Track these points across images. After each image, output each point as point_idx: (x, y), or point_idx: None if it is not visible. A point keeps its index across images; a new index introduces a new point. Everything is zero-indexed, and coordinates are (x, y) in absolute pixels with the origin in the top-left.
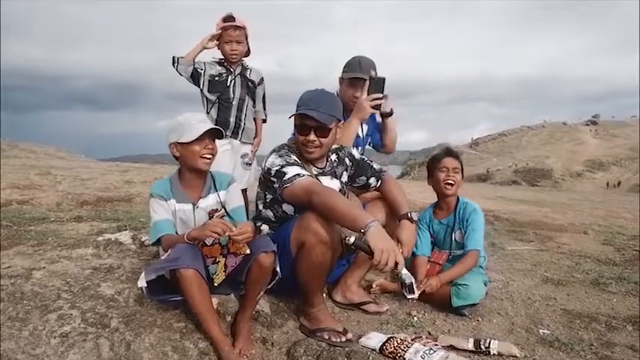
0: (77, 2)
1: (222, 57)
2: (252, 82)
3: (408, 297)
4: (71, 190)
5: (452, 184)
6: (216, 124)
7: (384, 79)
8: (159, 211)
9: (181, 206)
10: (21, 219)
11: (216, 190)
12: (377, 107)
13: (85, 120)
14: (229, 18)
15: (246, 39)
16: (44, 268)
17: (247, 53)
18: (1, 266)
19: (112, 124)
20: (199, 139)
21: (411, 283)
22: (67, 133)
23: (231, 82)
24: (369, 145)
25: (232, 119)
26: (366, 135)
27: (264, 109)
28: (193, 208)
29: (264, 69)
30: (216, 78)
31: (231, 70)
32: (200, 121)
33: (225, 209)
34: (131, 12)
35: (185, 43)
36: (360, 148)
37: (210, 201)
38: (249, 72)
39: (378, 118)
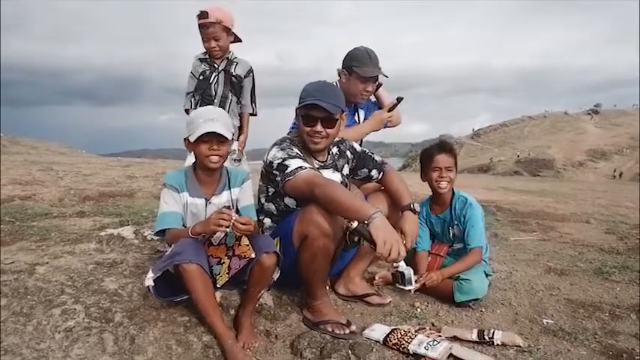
0: None
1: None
2: (238, 76)
3: (406, 289)
4: (73, 185)
5: (445, 183)
6: None
7: (402, 98)
8: (169, 202)
9: (194, 200)
10: (24, 215)
11: (230, 188)
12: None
13: (86, 115)
14: (202, 14)
15: (228, 31)
16: (47, 263)
17: (238, 40)
18: (5, 262)
19: (112, 118)
20: (206, 140)
21: (409, 275)
22: (68, 128)
23: (213, 79)
24: None
25: None
26: (364, 120)
27: (254, 102)
28: (206, 203)
29: (265, 62)
30: (201, 77)
31: (215, 66)
32: (207, 120)
33: (237, 207)
34: (131, 6)
35: (185, 37)
36: None
37: (223, 198)
38: (234, 66)
39: (372, 98)
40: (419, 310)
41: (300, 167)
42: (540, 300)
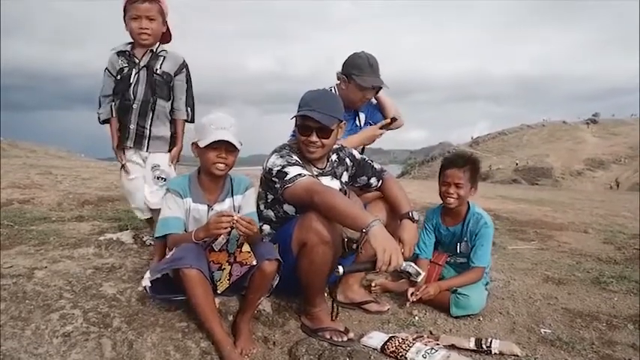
0: (78, 0)
1: (131, 41)
2: (165, 74)
3: (418, 280)
4: (72, 189)
5: (452, 200)
6: (118, 131)
7: (395, 119)
8: (172, 207)
9: (196, 206)
10: (22, 219)
11: (233, 195)
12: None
13: (86, 119)
14: None
15: (164, 17)
16: (46, 267)
17: (167, 38)
18: (3, 266)
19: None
20: (215, 147)
21: (414, 268)
22: (68, 132)
23: (133, 77)
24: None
25: (132, 126)
26: (365, 123)
27: (189, 105)
28: (208, 209)
29: (264, 68)
30: (119, 75)
31: (135, 61)
32: (219, 127)
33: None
34: None
35: (186, 42)
36: None
37: (226, 205)
38: (160, 61)
39: (373, 100)
40: (417, 318)
41: (300, 175)
42: (538, 309)
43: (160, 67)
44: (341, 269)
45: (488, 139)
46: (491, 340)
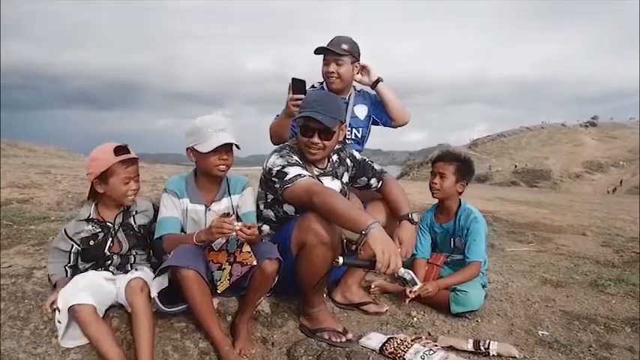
0: (76, 3)
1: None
2: (142, 228)
3: (414, 289)
4: (71, 189)
5: (435, 189)
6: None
7: (304, 82)
8: (169, 207)
9: (194, 206)
10: (21, 218)
11: (230, 194)
12: (297, 106)
13: (85, 119)
14: (122, 149)
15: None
16: (45, 267)
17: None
18: (2, 265)
19: (111, 123)
20: (215, 150)
21: (411, 276)
22: (67, 132)
23: (110, 241)
24: (382, 125)
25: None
26: (367, 116)
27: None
28: (206, 209)
29: (264, 68)
30: (91, 242)
31: (109, 225)
32: (217, 130)
33: (237, 213)
34: (130, 13)
35: (183, 43)
36: (361, 129)
37: (223, 205)
38: (133, 216)
39: (371, 91)
40: (415, 319)
41: (299, 175)
42: (536, 311)
43: (135, 223)
44: (341, 259)
45: (488, 140)
46: (489, 342)
